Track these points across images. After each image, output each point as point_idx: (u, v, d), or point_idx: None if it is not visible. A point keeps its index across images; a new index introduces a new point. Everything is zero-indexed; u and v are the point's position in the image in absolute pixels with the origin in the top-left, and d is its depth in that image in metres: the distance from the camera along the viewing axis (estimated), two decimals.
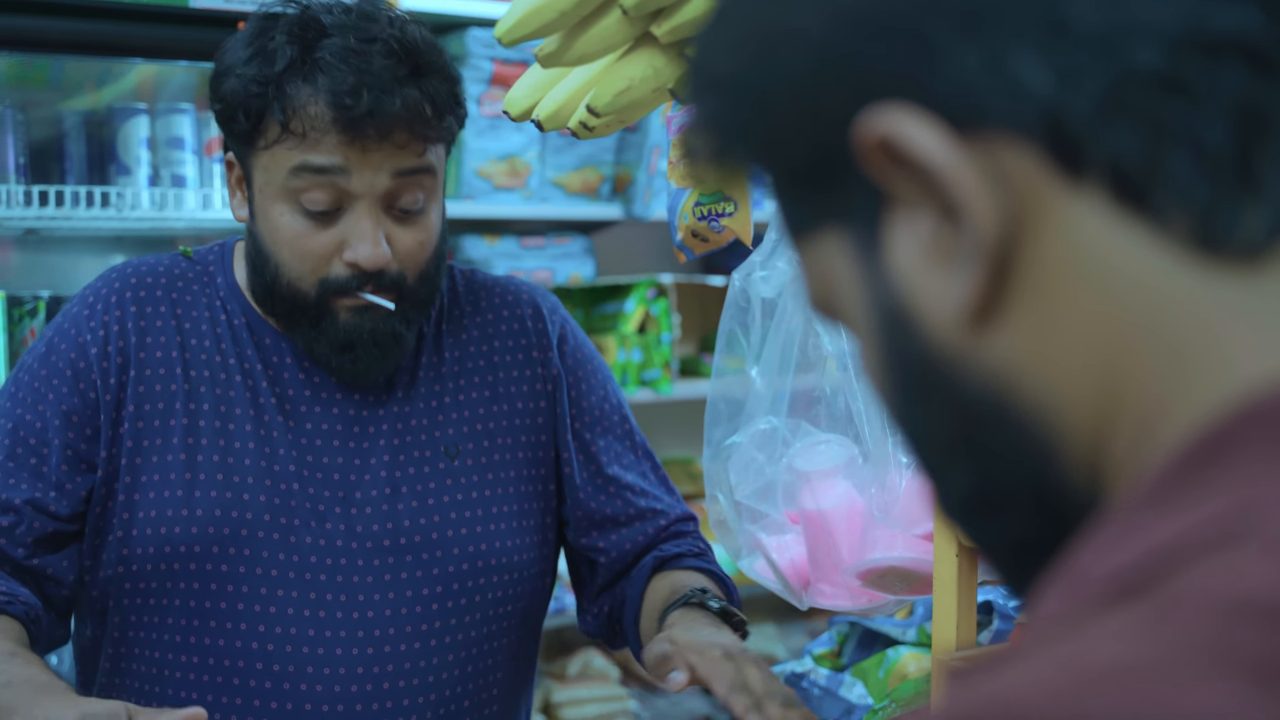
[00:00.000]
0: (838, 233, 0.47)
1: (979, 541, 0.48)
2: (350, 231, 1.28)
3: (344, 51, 1.26)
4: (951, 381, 0.45)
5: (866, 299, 0.46)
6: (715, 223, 1.40)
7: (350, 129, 1.25)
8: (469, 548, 1.35)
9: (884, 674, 1.68)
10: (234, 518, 1.30)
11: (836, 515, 1.31)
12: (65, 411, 1.32)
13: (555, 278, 3.19)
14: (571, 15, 1.00)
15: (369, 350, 1.31)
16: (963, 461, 0.46)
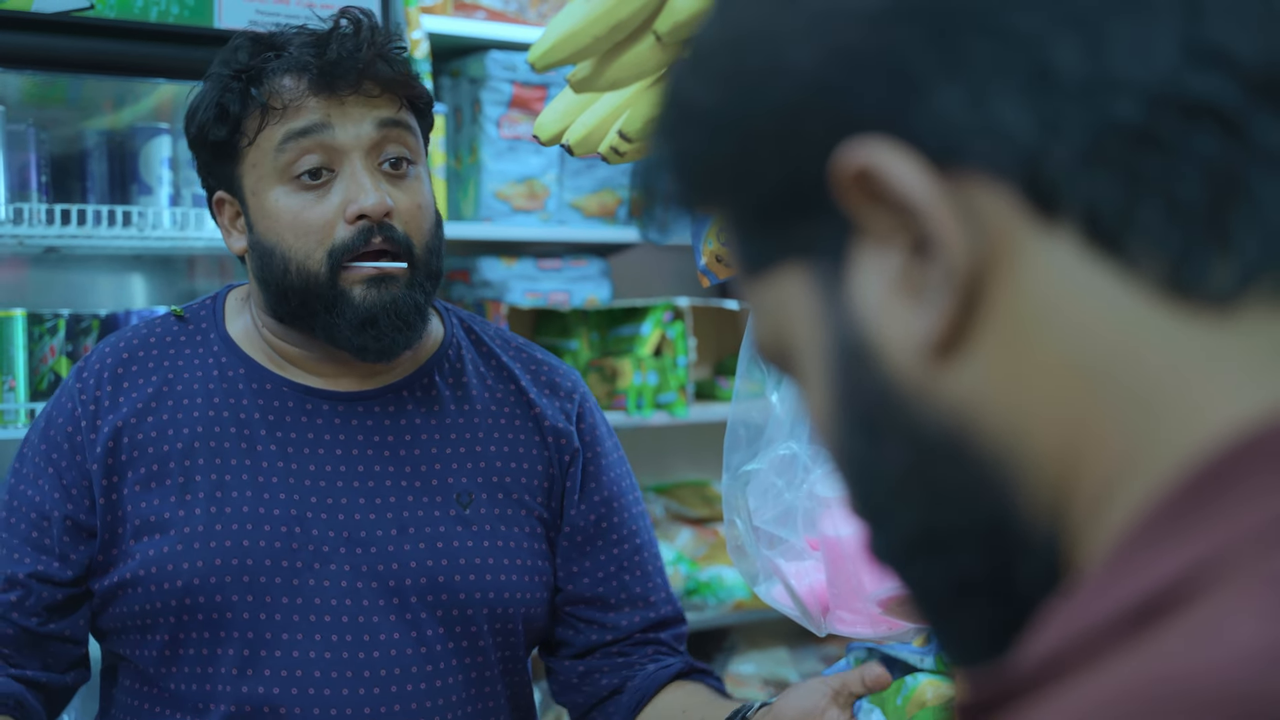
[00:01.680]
0: (799, 268, 0.46)
1: (914, 584, 0.48)
2: (347, 189, 1.31)
3: (302, 34, 1.35)
4: (909, 416, 0.44)
5: (823, 334, 0.46)
6: None
7: (323, 85, 1.30)
8: (476, 594, 1.35)
9: (902, 701, 1.67)
10: (234, 565, 1.31)
11: (857, 542, 1.31)
12: (65, 485, 1.35)
13: (572, 300, 3.20)
14: (605, 41, 1.01)
15: (391, 321, 1.31)
16: (912, 499, 0.46)
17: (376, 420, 1.38)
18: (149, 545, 1.32)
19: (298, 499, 1.34)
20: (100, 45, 2.24)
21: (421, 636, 1.33)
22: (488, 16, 3.03)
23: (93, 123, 2.54)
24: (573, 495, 1.44)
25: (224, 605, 1.31)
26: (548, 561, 1.42)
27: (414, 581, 1.34)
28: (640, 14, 1.01)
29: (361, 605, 1.32)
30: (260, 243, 1.34)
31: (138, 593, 1.32)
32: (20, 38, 2.18)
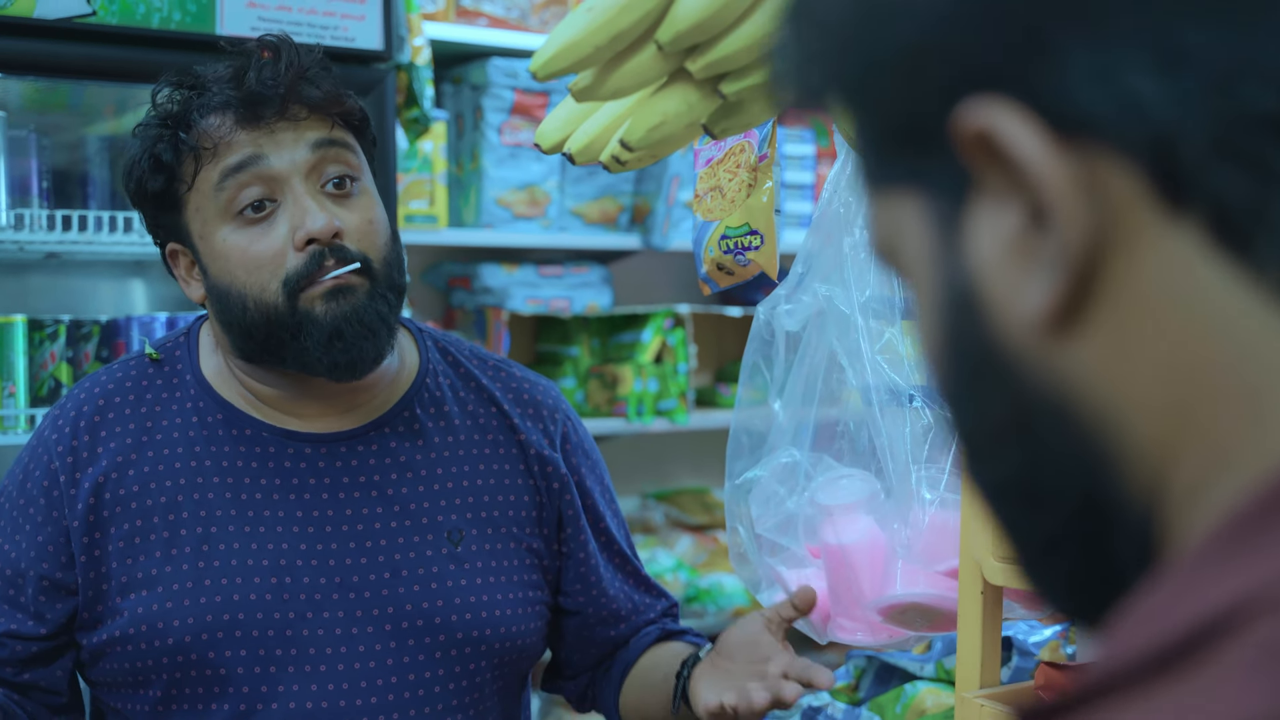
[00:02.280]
0: (918, 198, 0.46)
1: (1005, 527, 0.48)
2: (293, 214, 1.29)
3: (223, 65, 1.32)
4: (1015, 377, 0.44)
5: (935, 272, 0.46)
6: (741, 256, 1.41)
7: (248, 117, 1.28)
8: (472, 632, 1.34)
9: (902, 709, 1.67)
10: (225, 620, 1.29)
11: (858, 550, 1.31)
12: (41, 542, 1.32)
13: (573, 307, 3.20)
14: (607, 50, 1.01)
15: (356, 330, 1.28)
16: (1010, 451, 0.46)
17: (361, 460, 1.36)
18: (137, 602, 1.30)
19: (286, 547, 1.32)
20: (102, 51, 2.24)
21: (420, 679, 1.32)
22: (490, 23, 3.03)
23: (94, 129, 2.54)
24: (569, 526, 1.43)
25: (218, 660, 1.29)
26: (542, 591, 1.41)
27: (410, 624, 1.32)
28: (642, 24, 1.01)
29: (357, 651, 1.31)
30: (216, 285, 1.31)
31: (128, 650, 1.30)
32: (22, 44, 2.18)
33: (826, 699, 1.77)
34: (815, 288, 1.33)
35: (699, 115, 1.06)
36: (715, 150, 1.42)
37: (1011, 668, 1.69)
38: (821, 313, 1.32)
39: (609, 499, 1.49)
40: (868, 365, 1.27)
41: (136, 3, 2.23)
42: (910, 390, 1.27)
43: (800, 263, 1.36)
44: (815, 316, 1.34)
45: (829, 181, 1.36)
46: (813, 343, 1.34)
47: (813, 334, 1.34)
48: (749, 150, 1.41)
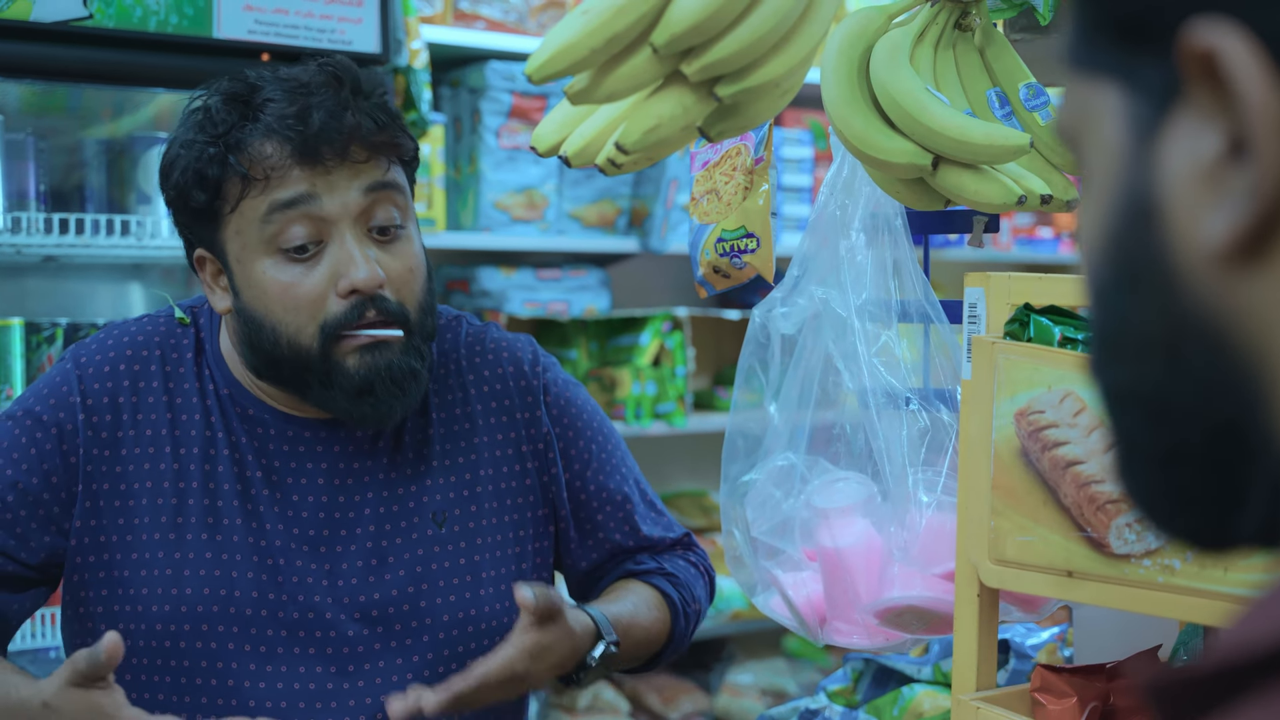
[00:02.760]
0: (1120, 92, 0.46)
1: (1118, 431, 0.48)
2: (338, 260, 1.26)
3: (283, 93, 1.27)
4: (1177, 296, 0.44)
5: (1119, 169, 0.46)
6: (737, 259, 1.41)
7: (307, 154, 1.25)
8: (458, 614, 1.34)
9: (899, 712, 1.67)
10: (222, 596, 1.29)
11: (854, 553, 1.31)
12: (45, 470, 1.31)
13: (571, 309, 3.20)
14: (602, 53, 1.01)
15: (388, 389, 1.28)
16: (1151, 364, 0.46)
17: (357, 445, 1.35)
18: (139, 564, 1.29)
19: (281, 529, 1.32)
20: (99, 55, 2.24)
21: (407, 663, 1.32)
22: (487, 26, 3.03)
23: (91, 132, 2.54)
24: (559, 481, 1.42)
25: (209, 635, 1.29)
26: (530, 562, 1.40)
27: (396, 610, 1.32)
28: (637, 26, 1.01)
29: (346, 635, 1.31)
30: (247, 310, 1.30)
31: (123, 611, 1.29)
32: (19, 47, 2.18)
33: (824, 701, 1.77)
34: (811, 290, 1.33)
35: (694, 118, 1.06)
36: (711, 153, 1.43)
37: (1009, 670, 1.69)
38: (817, 315, 1.32)
39: (602, 442, 1.46)
40: (864, 368, 1.28)
41: (133, 6, 2.23)
42: (907, 393, 1.27)
43: (796, 265, 1.36)
44: (811, 319, 1.34)
45: (825, 184, 1.36)
46: (808, 345, 1.34)
47: (808, 337, 1.34)
48: (745, 153, 1.41)
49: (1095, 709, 1.13)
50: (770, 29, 1.03)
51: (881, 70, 1.15)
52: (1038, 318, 1.11)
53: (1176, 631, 1.24)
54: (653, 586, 1.44)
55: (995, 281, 1.14)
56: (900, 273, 1.29)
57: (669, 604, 1.44)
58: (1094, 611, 1.44)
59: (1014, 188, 1.15)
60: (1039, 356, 1.07)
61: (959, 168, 1.15)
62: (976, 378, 1.10)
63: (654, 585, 1.44)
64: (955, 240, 3.55)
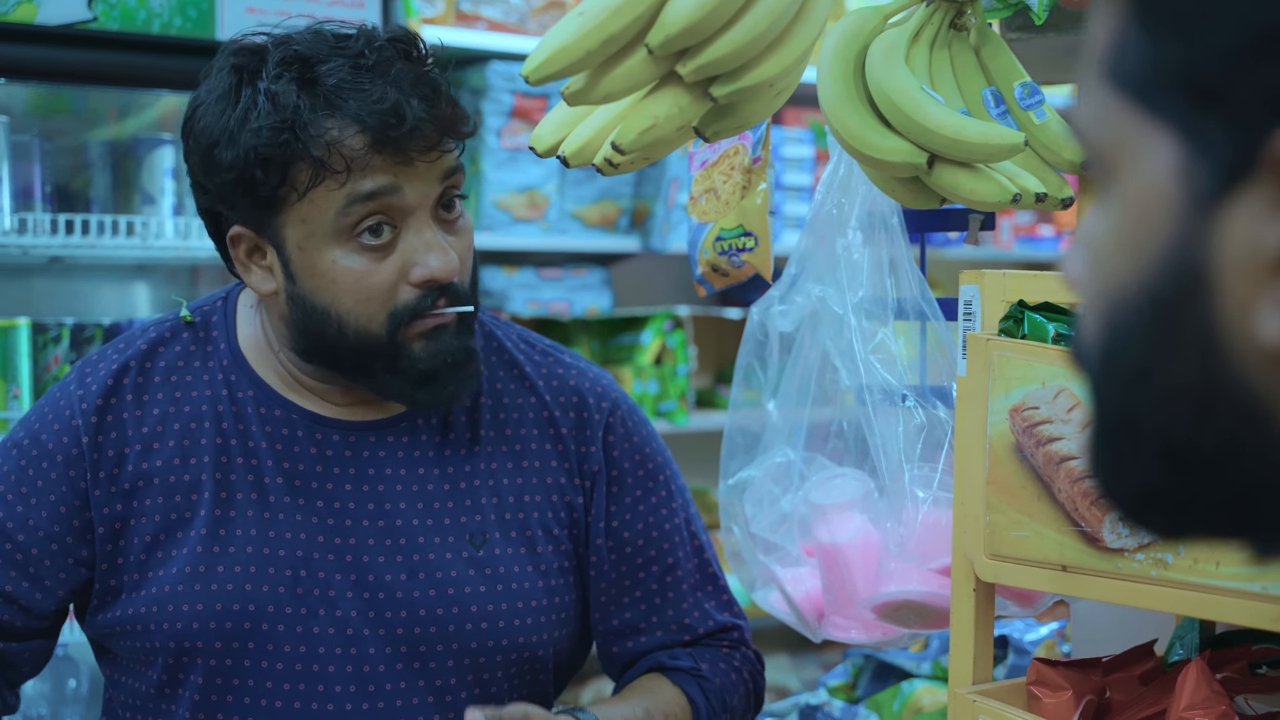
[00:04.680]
0: (1178, 146, 0.45)
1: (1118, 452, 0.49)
2: (414, 248, 1.21)
3: (353, 73, 1.18)
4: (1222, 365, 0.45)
5: (1166, 227, 0.46)
6: (735, 257, 1.42)
7: (398, 149, 1.18)
8: (487, 641, 1.28)
9: (899, 707, 1.68)
10: (235, 610, 1.24)
11: (852, 549, 1.32)
12: (53, 501, 1.26)
13: (573, 309, 3.21)
14: (598, 55, 1.02)
15: (451, 374, 1.23)
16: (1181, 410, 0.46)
17: (390, 451, 1.30)
18: (153, 582, 1.25)
19: (304, 537, 1.26)
20: (103, 57, 2.26)
21: (430, 686, 1.27)
22: (488, 27, 3.04)
23: (96, 133, 2.56)
24: (597, 524, 1.34)
25: (224, 651, 1.25)
26: (569, 595, 1.33)
27: (424, 630, 1.27)
28: (632, 28, 1.02)
29: (368, 654, 1.26)
30: (307, 299, 1.22)
31: (138, 630, 1.26)
32: (25, 49, 2.20)
33: (825, 697, 1.78)
34: (809, 288, 1.34)
35: (690, 118, 1.07)
36: (710, 153, 1.44)
37: (1007, 666, 1.70)
38: (815, 313, 1.33)
39: (665, 498, 1.38)
40: (861, 365, 1.28)
41: (137, 8, 2.24)
42: (903, 390, 1.28)
43: (794, 264, 1.37)
44: (809, 317, 1.35)
45: (822, 183, 1.37)
46: (806, 343, 1.35)
47: (806, 334, 1.35)
48: (743, 153, 1.42)
49: (1090, 703, 1.13)
50: (764, 30, 1.04)
51: (877, 70, 1.16)
52: (1032, 315, 1.12)
53: (1173, 625, 1.25)
54: (679, 689, 1.34)
55: (990, 279, 1.15)
56: (897, 270, 1.30)
57: (694, 712, 1.34)
58: (1091, 606, 1.45)
59: (1009, 186, 1.16)
60: (1033, 353, 1.08)
61: (955, 166, 1.16)
62: (971, 374, 1.11)
63: (680, 687, 1.34)
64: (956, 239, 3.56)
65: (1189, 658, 1.17)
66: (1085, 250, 0.49)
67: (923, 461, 1.26)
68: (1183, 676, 1.07)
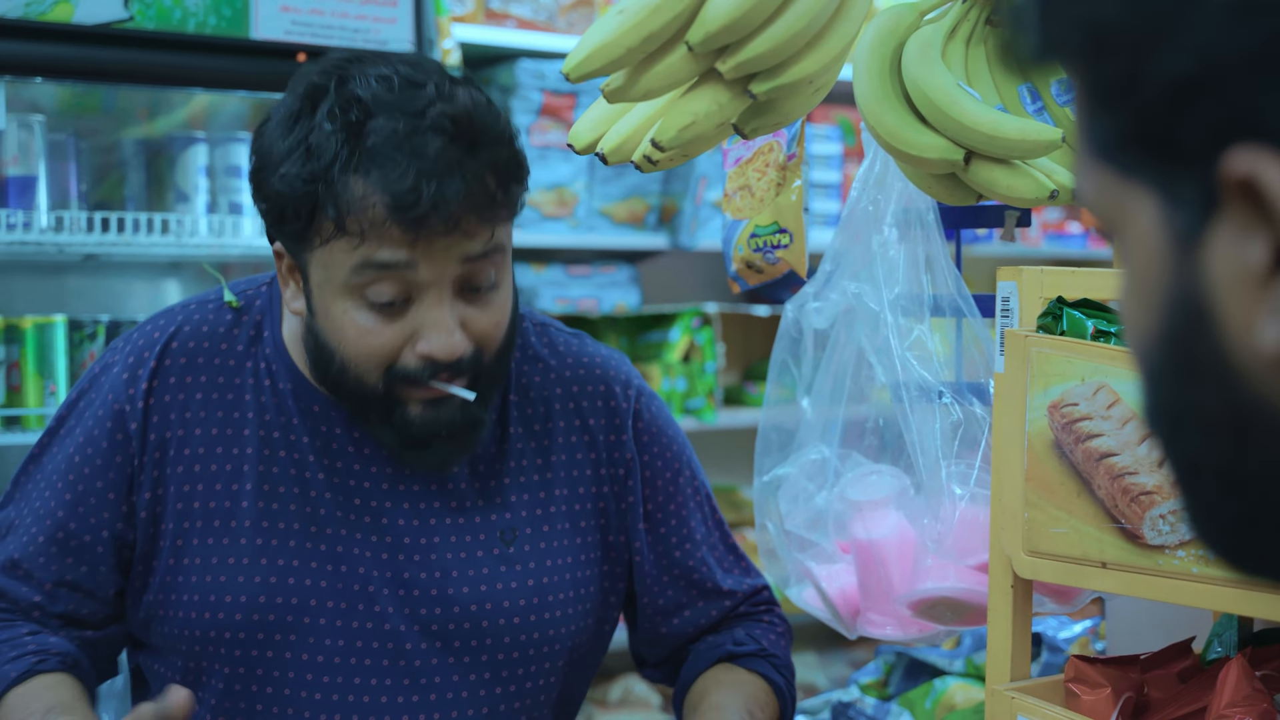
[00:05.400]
0: (1156, 202, 0.48)
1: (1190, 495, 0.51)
2: (423, 322, 1.19)
3: (394, 138, 1.15)
4: (1241, 388, 0.47)
5: (1163, 273, 0.48)
6: (770, 254, 1.42)
7: (413, 227, 1.15)
8: (520, 635, 1.30)
9: (931, 704, 1.68)
10: (278, 604, 1.26)
11: (888, 545, 1.32)
12: (101, 488, 1.27)
13: (601, 306, 3.22)
14: (638, 52, 1.03)
15: (443, 444, 1.23)
16: (1221, 441, 0.49)
17: None
18: (191, 571, 1.26)
19: (344, 533, 1.27)
20: (139, 56, 2.28)
21: (464, 681, 1.29)
22: (518, 25, 3.05)
23: (128, 132, 2.58)
24: (629, 514, 1.36)
25: (265, 642, 1.26)
26: (594, 585, 1.35)
27: (458, 625, 1.28)
28: (672, 25, 1.03)
29: (404, 649, 1.27)
30: (320, 334, 1.23)
31: (176, 617, 1.27)
32: (61, 49, 2.22)
33: (857, 694, 1.78)
34: (844, 285, 1.34)
35: (729, 115, 1.07)
36: (744, 149, 1.44)
37: (1041, 663, 1.70)
38: (850, 310, 1.33)
39: (689, 477, 1.40)
40: (897, 362, 1.29)
41: (173, 7, 2.26)
42: (939, 387, 1.28)
43: (829, 260, 1.37)
44: (844, 314, 1.35)
45: (858, 180, 1.37)
46: (841, 340, 1.35)
47: (841, 331, 1.35)
48: (778, 149, 1.42)
49: (1129, 700, 1.13)
50: (804, 26, 1.05)
51: (914, 66, 1.16)
52: (1071, 311, 1.12)
53: (1210, 623, 1.25)
54: (758, 675, 1.37)
55: (1028, 275, 1.15)
56: (932, 267, 1.30)
57: (778, 694, 1.37)
58: (1126, 603, 1.44)
59: (1046, 182, 1.16)
60: (1072, 350, 1.08)
61: (991, 163, 1.16)
62: (1010, 371, 1.11)
63: (760, 674, 1.37)
64: (984, 236, 3.55)
65: (1228, 655, 1.17)
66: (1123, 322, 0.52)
67: (959, 458, 1.26)
68: (1224, 674, 1.06)
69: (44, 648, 1.24)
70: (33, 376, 2.35)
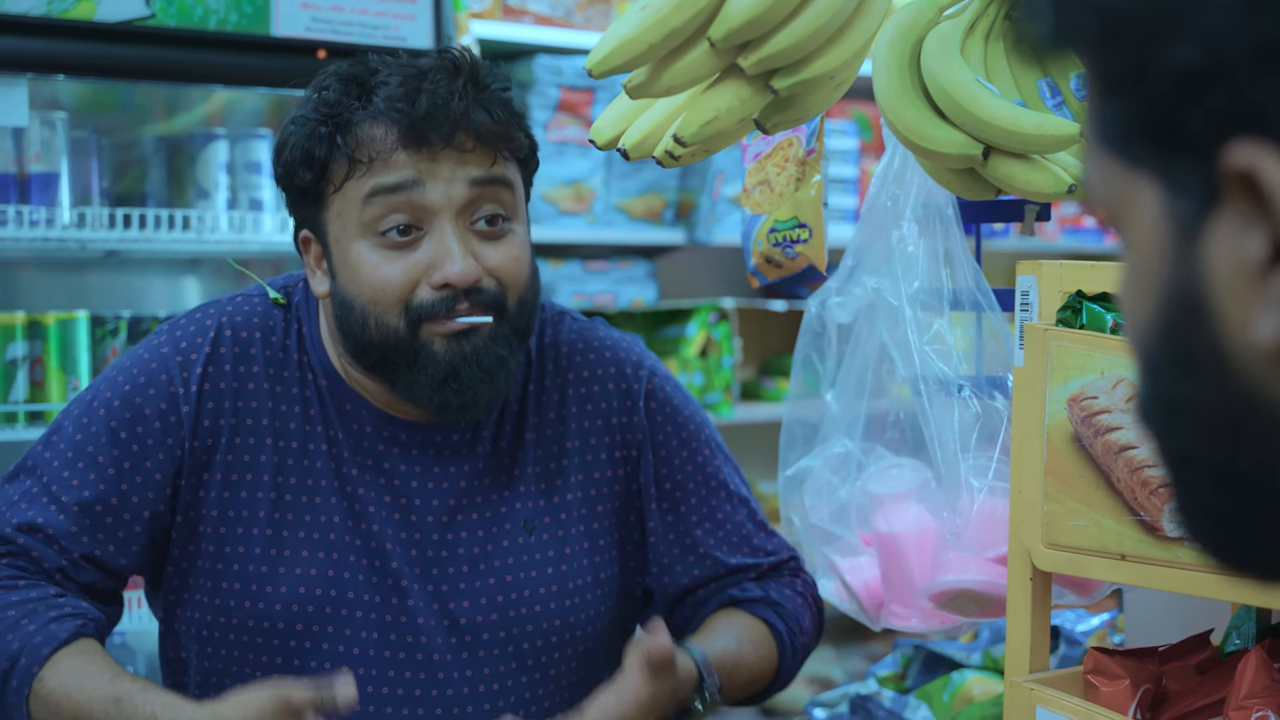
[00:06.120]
0: (1160, 190, 0.49)
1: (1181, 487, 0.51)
2: (435, 250, 1.24)
3: (400, 71, 1.25)
4: (1236, 380, 0.47)
5: (1164, 263, 0.49)
6: (789, 249, 1.43)
7: (414, 137, 1.22)
8: (542, 624, 1.32)
9: (949, 697, 1.69)
10: (318, 595, 1.28)
11: (909, 538, 1.33)
12: (149, 468, 1.28)
13: (618, 301, 3.23)
14: (660, 48, 1.04)
15: (474, 375, 1.24)
16: (1216, 435, 0.49)
17: (454, 449, 1.33)
18: (233, 559, 1.28)
19: (377, 529, 1.30)
20: (160, 53, 2.29)
21: (495, 673, 1.31)
22: (535, 21, 3.06)
23: (149, 129, 2.60)
24: (649, 489, 1.38)
25: (303, 633, 1.28)
26: (613, 569, 1.36)
27: (485, 619, 1.31)
28: (694, 21, 1.04)
29: (435, 643, 1.29)
30: (341, 293, 1.27)
31: (214, 604, 1.29)
32: (83, 46, 2.24)
33: (875, 687, 1.79)
34: (865, 280, 1.35)
35: (751, 110, 1.08)
36: (764, 145, 1.45)
37: (1059, 656, 1.71)
38: (871, 305, 1.34)
39: (709, 455, 1.40)
40: (916, 356, 1.29)
41: (194, 4, 2.27)
42: (959, 380, 1.29)
43: (850, 255, 1.38)
44: (865, 309, 1.36)
45: (877, 175, 1.38)
46: (863, 335, 1.36)
47: (863, 326, 1.36)
48: (797, 145, 1.43)
49: (1148, 691, 1.14)
50: (825, 22, 1.05)
51: (933, 62, 1.17)
52: (1090, 305, 1.12)
53: (1228, 615, 1.26)
54: (758, 619, 1.38)
55: (1047, 269, 1.15)
56: (952, 261, 1.31)
57: (775, 638, 1.38)
58: (1144, 596, 1.45)
59: (1064, 176, 1.16)
60: (1092, 343, 1.09)
61: (1010, 158, 1.16)
62: (1029, 364, 1.12)
63: (760, 617, 1.38)
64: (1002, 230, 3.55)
65: (1246, 647, 1.17)
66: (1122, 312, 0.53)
67: (978, 451, 1.27)
68: (1242, 665, 1.07)
69: (79, 611, 1.24)
70: (55, 372, 2.37)
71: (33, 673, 1.20)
